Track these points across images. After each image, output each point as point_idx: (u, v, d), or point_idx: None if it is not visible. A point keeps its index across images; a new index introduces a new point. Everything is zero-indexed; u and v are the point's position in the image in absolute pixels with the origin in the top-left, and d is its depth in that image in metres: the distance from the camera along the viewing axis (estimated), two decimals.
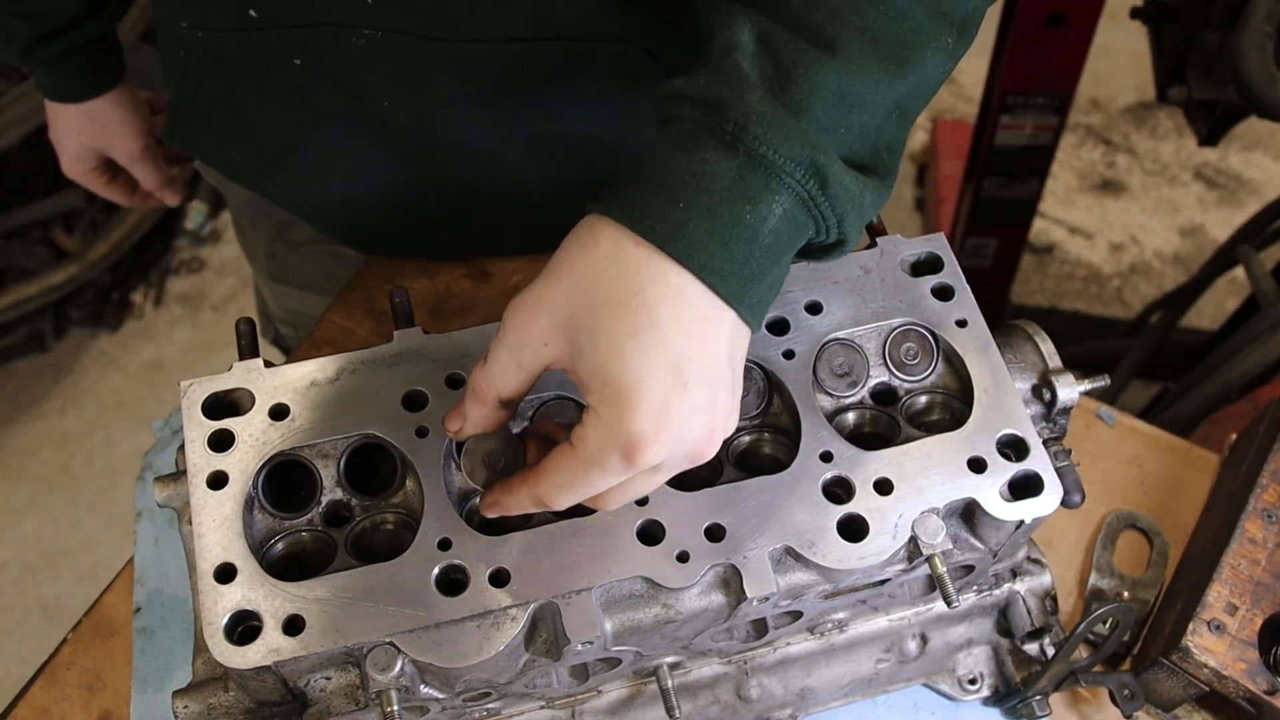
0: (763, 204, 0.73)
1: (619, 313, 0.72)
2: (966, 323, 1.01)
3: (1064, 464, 0.98)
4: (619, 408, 0.72)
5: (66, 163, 1.49)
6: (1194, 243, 3.39)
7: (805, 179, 0.74)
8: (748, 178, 0.73)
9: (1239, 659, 1.07)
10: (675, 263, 0.72)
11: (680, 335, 0.72)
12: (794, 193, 0.74)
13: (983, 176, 2.57)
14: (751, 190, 0.73)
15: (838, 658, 1.11)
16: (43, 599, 2.78)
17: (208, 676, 0.94)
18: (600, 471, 0.75)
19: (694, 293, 0.73)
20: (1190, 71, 1.92)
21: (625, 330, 0.72)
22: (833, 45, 0.75)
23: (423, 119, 1.19)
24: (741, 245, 0.73)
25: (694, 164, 0.73)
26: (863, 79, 0.75)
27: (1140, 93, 3.70)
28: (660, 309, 0.72)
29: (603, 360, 0.72)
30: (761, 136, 0.73)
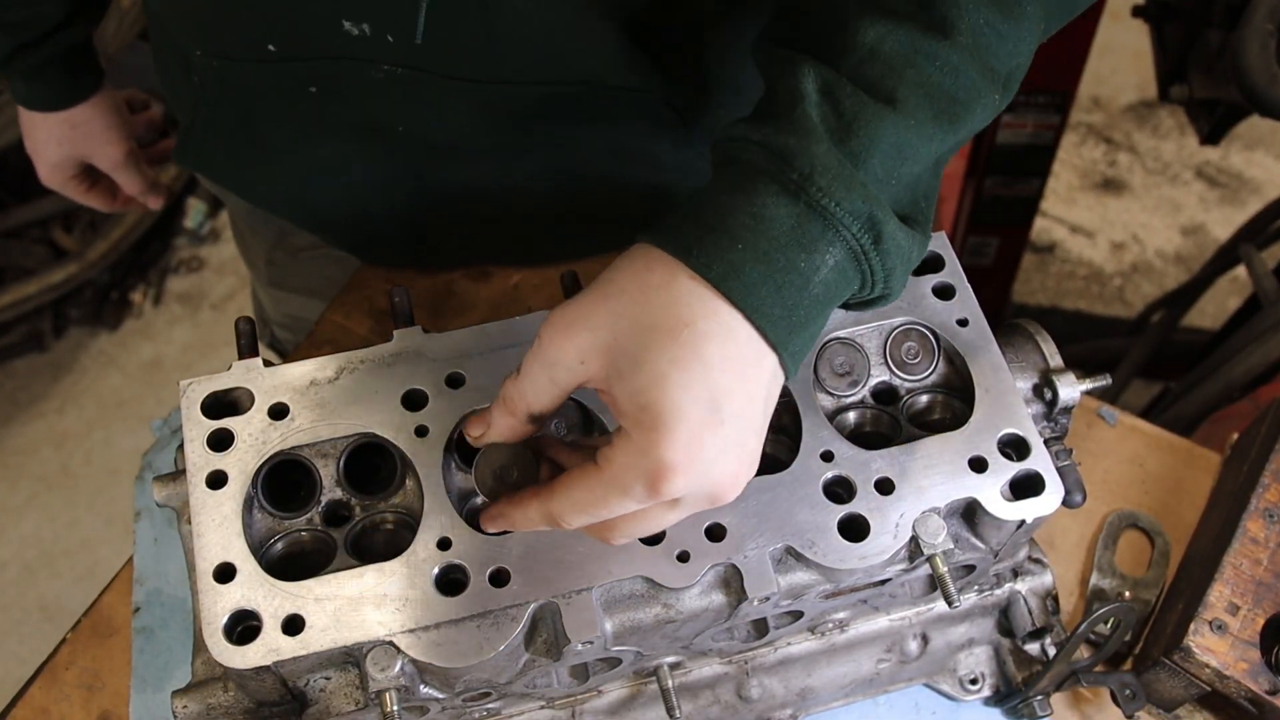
0: (817, 254, 0.74)
1: (667, 340, 0.72)
2: (968, 322, 1.01)
3: (1065, 463, 0.98)
4: (653, 433, 0.71)
5: (45, 171, 1.47)
6: (1195, 242, 3.38)
7: (860, 232, 0.74)
8: (806, 226, 0.73)
9: (1240, 659, 1.07)
10: (728, 302, 0.72)
11: (724, 373, 0.72)
12: (847, 245, 0.74)
13: (984, 175, 2.56)
14: (808, 239, 0.73)
15: (838, 657, 1.11)
16: (42, 598, 2.78)
17: (207, 676, 0.94)
18: (621, 495, 0.73)
19: (743, 333, 0.73)
20: (1192, 70, 1.92)
21: (670, 358, 0.71)
22: (892, 99, 0.76)
23: (436, 145, 1.19)
24: (793, 292, 0.73)
25: (755, 207, 0.74)
26: (918, 133, 0.76)
27: (1142, 91, 3.69)
28: (709, 343, 0.72)
29: (644, 385, 0.72)
30: (826, 189, 0.73)
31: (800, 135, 0.74)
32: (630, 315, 0.73)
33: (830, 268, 0.74)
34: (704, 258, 0.73)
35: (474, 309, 1.41)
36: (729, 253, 0.73)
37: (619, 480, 0.73)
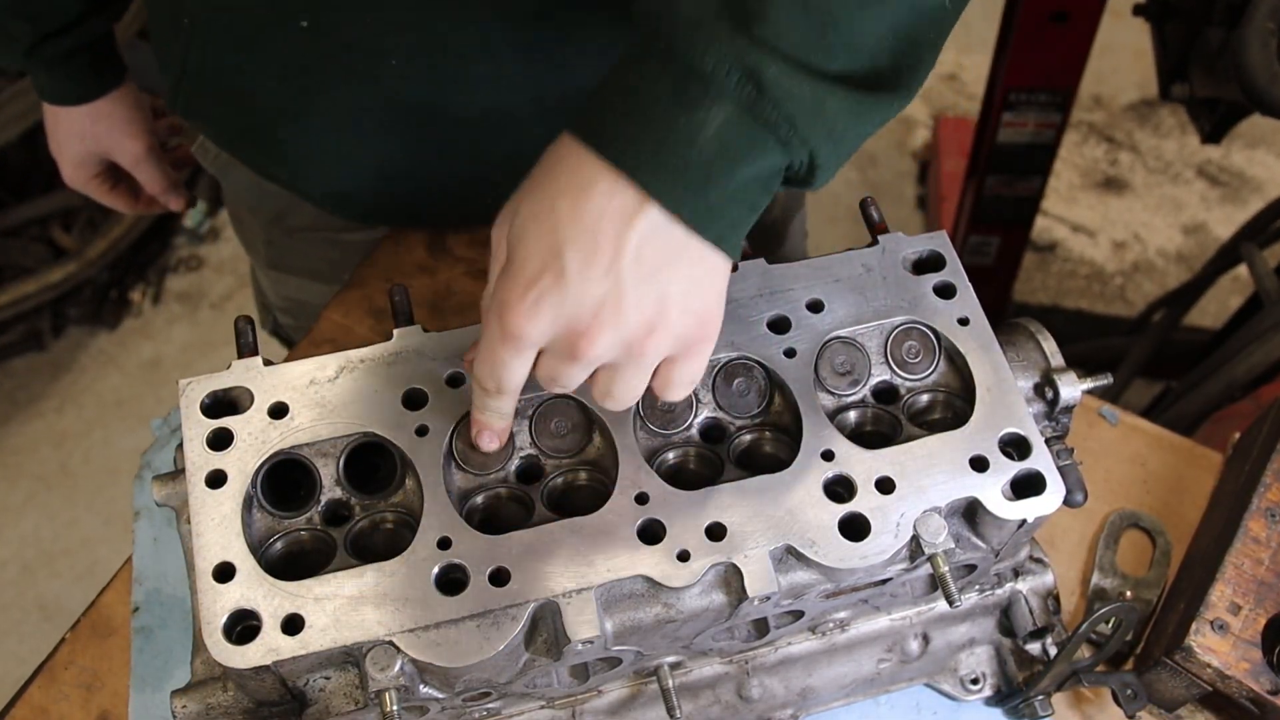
0: (700, 109, 0.74)
1: (536, 195, 0.78)
2: (968, 321, 1.01)
3: (1066, 463, 0.98)
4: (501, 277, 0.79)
5: (69, 171, 1.47)
6: (1197, 240, 3.38)
7: (741, 83, 0.74)
8: (686, 86, 0.75)
9: (1242, 659, 1.07)
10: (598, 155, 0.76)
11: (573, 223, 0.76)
12: (733, 99, 0.74)
13: (985, 174, 2.56)
14: (689, 97, 0.74)
15: (839, 657, 1.10)
16: (41, 598, 2.78)
17: (206, 676, 0.94)
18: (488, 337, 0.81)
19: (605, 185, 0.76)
20: (1193, 69, 1.92)
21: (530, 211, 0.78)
22: None
23: (430, 79, 1.18)
24: (679, 148, 0.75)
25: (633, 75, 0.77)
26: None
27: (1143, 90, 3.69)
28: (563, 198, 0.77)
29: (510, 234, 0.79)
30: (688, 41, 0.74)
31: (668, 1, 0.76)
32: (529, 185, 0.80)
33: (720, 123, 0.75)
34: (584, 124, 0.77)
35: (474, 307, 1.40)
36: (606, 115, 0.77)
37: (486, 325, 0.81)
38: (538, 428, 0.97)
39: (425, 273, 1.44)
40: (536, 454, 0.97)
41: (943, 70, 3.73)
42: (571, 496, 0.97)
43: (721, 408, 1.00)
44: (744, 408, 1.00)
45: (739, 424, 1.00)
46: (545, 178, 0.79)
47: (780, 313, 1.00)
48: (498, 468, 0.96)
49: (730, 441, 0.99)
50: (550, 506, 0.95)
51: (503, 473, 0.96)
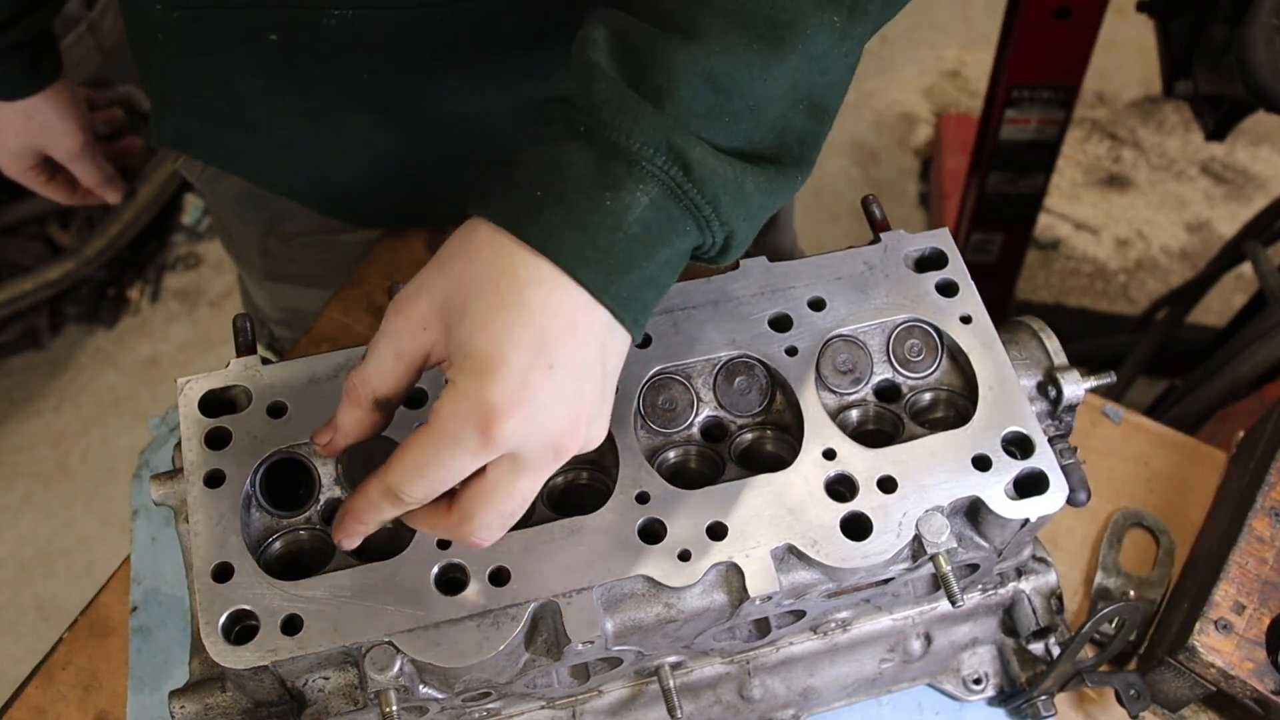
0: (625, 192, 0.73)
1: (490, 290, 0.73)
2: (971, 319, 1.01)
3: (1069, 462, 0.98)
4: (478, 376, 0.72)
5: (4, 161, 1.47)
6: (1201, 238, 3.38)
7: (667, 164, 0.73)
8: (609, 167, 0.73)
9: (1246, 658, 1.06)
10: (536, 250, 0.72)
11: (549, 318, 0.72)
12: (659, 180, 0.73)
13: (987, 171, 2.56)
14: (613, 179, 0.73)
15: (841, 657, 1.10)
16: (38, 598, 2.77)
17: (205, 676, 0.94)
18: (452, 445, 0.73)
19: (563, 281, 0.73)
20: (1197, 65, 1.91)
21: (493, 305, 0.72)
22: (691, 29, 0.74)
23: (404, 90, 1.17)
24: (605, 233, 0.72)
25: (554, 156, 0.74)
26: (731, 61, 0.74)
27: (1146, 87, 3.68)
28: (530, 289, 0.72)
29: (469, 332, 0.73)
30: (610, 122, 0.73)
31: (583, 78, 0.74)
32: (459, 274, 0.75)
33: (645, 205, 0.73)
34: (506, 210, 0.74)
35: None
36: (529, 202, 0.73)
37: (448, 430, 0.72)
38: None
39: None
40: None
41: (945, 67, 3.73)
42: (572, 496, 0.97)
43: (723, 406, 0.99)
44: (745, 406, 0.99)
45: (740, 423, 0.99)
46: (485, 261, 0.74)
47: (782, 310, 1.00)
48: None
49: (731, 440, 0.99)
50: (551, 506, 0.95)
51: None
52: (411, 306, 0.76)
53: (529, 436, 0.73)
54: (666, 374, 0.98)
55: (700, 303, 1.00)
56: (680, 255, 0.77)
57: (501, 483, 0.75)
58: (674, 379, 0.99)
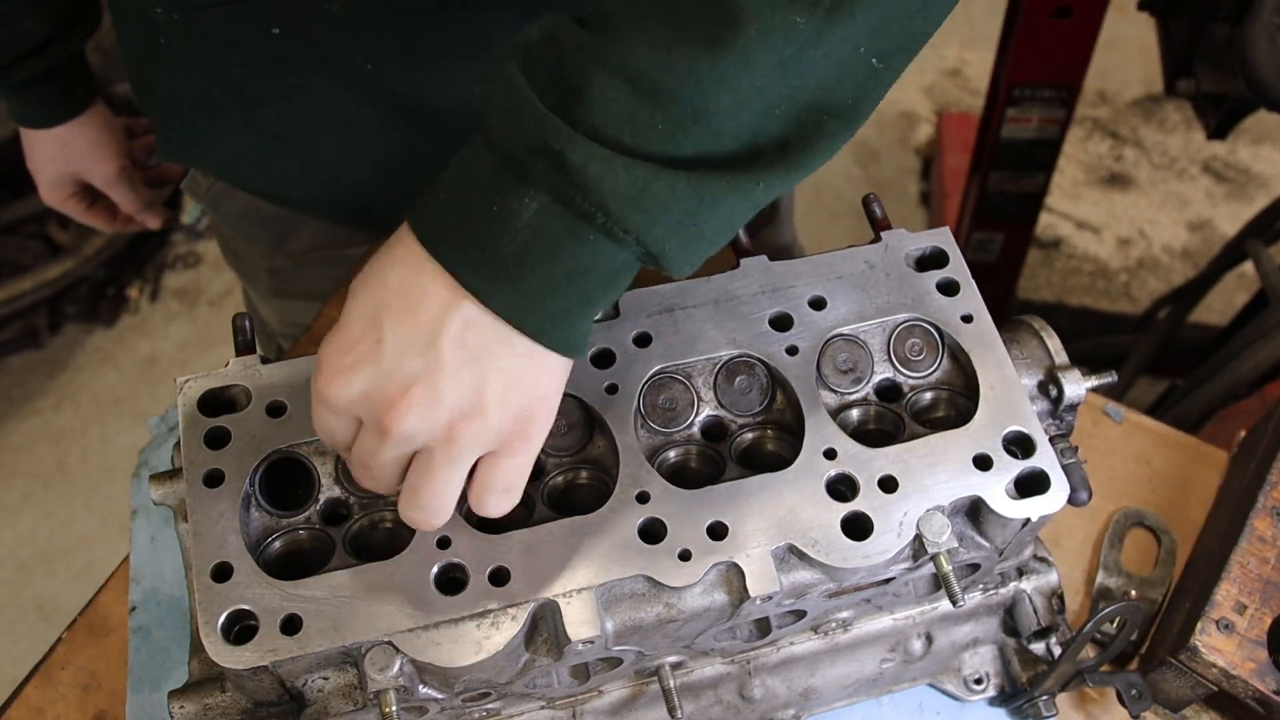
0: (514, 197, 0.71)
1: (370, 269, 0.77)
2: (972, 318, 1.00)
3: (1071, 461, 0.97)
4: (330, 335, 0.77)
5: (44, 190, 1.47)
6: (1202, 237, 3.37)
7: (549, 170, 0.69)
8: (504, 171, 0.71)
9: (1248, 658, 1.06)
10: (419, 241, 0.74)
11: (397, 295, 0.74)
12: (545, 187, 0.70)
13: (989, 170, 2.56)
14: (505, 183, 0.71)
15: (842, 657, 1.10)
16: (37, 597, 2.77)
17: (204, 676, 0.93)
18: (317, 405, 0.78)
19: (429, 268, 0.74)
20: (1198, 64, 1.91)
21: (362, 279, 0.77)
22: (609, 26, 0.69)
23: (409, 81, 1.17)
24: (494, 238, 0.71)
25: (461, 160, 0.75)
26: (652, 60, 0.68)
27: (1148, 86, 3.68)
28: (391, 269, 0.75)
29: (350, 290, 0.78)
30: (503, 127, 0.71)
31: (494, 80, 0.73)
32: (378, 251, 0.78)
33: (534, 211, 0.70)
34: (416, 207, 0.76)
35: None
36: (434, 204, 0.75)
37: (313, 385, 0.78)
38: None
39: None
40: None
41: (946, 65, 3.72)
42: (572, 495, 0.96)
43: (723, 406, 0.99)
44: (746, 406, 0.99)
45: (741, 422, 0.99)
46: (388, 248, 0.77)
47: (782, 310, 1.00)
48: None
49: (732, 440, 0.98)
50: (550, 505, 0.94)
51: None
52: None
53: (355, 398, 0.76)
54: (667, 373, 0.98)
55: (701, 301, 1.00)
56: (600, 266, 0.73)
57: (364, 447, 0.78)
58: (674, 378, 0.98)
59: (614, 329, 0.99)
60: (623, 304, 1.00)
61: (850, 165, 3.52)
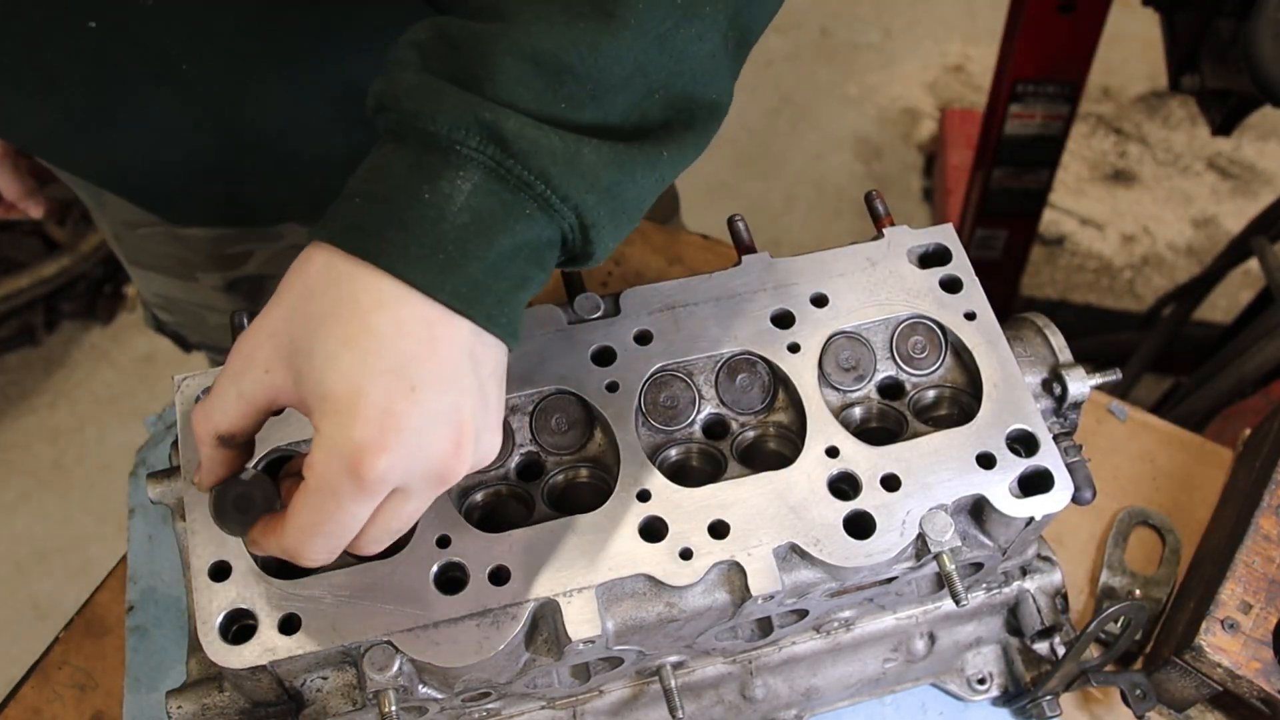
0: (444, 181, 0.68)
1: (333, 323, 0.68)
2: (975, 316, 1.00)
3: (1075, 460, 0.97)
4: (339, 417, 0.67)
5: None
6: (1207, 234, 3.36)
7: (481, 144, 0.68)
8: (425, 159, 0.69)
9: (1253, 658, 1.06)
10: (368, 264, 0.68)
11: (402, 339, 0.68)
12: (478, 163, 0.69)
13: (992, 166, 2.55)
14: (430, 171, 0.69)
15: (844, 657, 1.09)
16: (34, 597, 2.76)
17: (202, 676, 0.93)
18: (333, 497, 0.69)
19: (411, 298, 0.68)
20: (1203, 60, 1.90)
21: (339, 339, 0.68)
22: (505, 13, 0.70)
23: (224, 81, 1.13)
24: (427, 227, 0.68)
25: (375, 160, 0.71)
26: (554, 39, 0.69)
27: (1152, 81, 3.67)
28: (376, 313, 0.68)
29: (320, 374, 0.68)
30: (416, 111, 0.69)
31: (390, 75, 0.71)
32: (300, 310, 0.70)
33: (468, 192, 0.69)
34: (333, 224, 0.70)
35: None
36: (352, 211, 0.70)
37: (325, 483, 0.69)
38: (538, 424, 0.96)
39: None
40: (537, 451, 0.96)
41: (949, 62, 3.72)
42: (572, 494, 0.96)
43: (724, 404, 0.99)
44: (747, 404, 0.99)
45: (742, 420, 0.99)
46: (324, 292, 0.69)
47: (784, 307, 1.00)
48: (496, 465, 0.95)
49: (733, 438, 0.98)
50: (551, 504, 0.94)
51: (503, 470, 0.95)
52: (254, 348, 0.72)
53: (409, 468, 0.69)
54: (668, 371, 0.98)
55: (702, 299, 1.00)
56: (534, 246, 0.72)
57: (390, 516, 0.72)
58: (676, 376, 0.98)
59: (615, 326, 0.98)
60: (624, 302, 1.00)
61: (852, 161, 3.51)
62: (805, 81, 3.65)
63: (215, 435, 0.75)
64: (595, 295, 1.00)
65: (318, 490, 0.69)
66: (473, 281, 0.69)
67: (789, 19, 3.77)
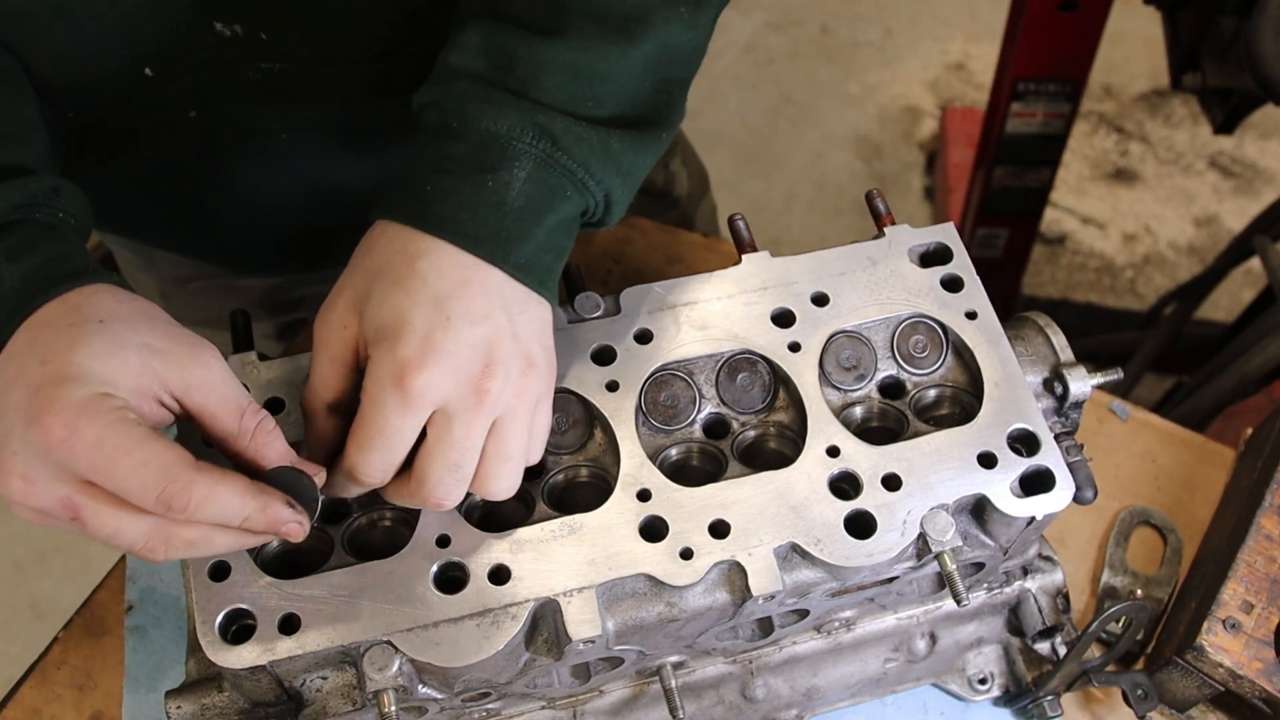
0: (504, 171, 0.83)
1: (388, 273, 0.82)
2: (976, 315, 1.00)
3: (1076, 459, 0.97)
4: (387, 342, 0.80)
5: None
6: (1209, 233, 3.36)
7: (535, 140, 0.84)
8: (484, 153, 0.83)
9: (1255, 658, 1.05)
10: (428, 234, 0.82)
11: (439, 278, 0.81)
12: (531, 156, 0.84)
13: (993, 165, 2.55)
14: (489, 162, 0.83)
15: (845, 657, 1.09)
16: (32, 597, 2.76)
17: (201, 676, 0.93)
18: (381, 411, 0.80)
19: (450, 251, 0.82)
20: (1205, 58, 1.90)
21: (391, 282, 0.82)
22: (553, 29, 0.85)
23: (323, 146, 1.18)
24: (491, 210, 0.83)
25: (435, 152, 0.85)
26: (589, 53, 0.86)
27: (1154, 80, 3.67)
28: (421, 260, 0.82)
29: (375, 311, 0.82)
30: (478, 114, 0.84)
31: (445, 83, 0.86)
32: (365, 270, 0.84)
33: (523, 180, 0.84)
34: (405, 209, 0.84)
35: None
36: (420, 196, 0.84)
37: (376, 400, 0.80)
38: None
39: None
40: None
41: (950, 60, 3.71)
42: (572, 493, 0.96)
43: (725, 403, 0.98)
44: (748, 403, 0.99)
45: (743, 419, 0.98)
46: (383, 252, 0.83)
47: (784, 306, 0.99)
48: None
49: (734, 437, 0.98)
50: (551, 504, 0.94)
51: None
52: (329, 312, 0.85)
53: (448, 385, 0.80)
54: (669, 370, 0.98)
55: (702, 298, 1.00)
56: (569, 220, 0.87)
57: (439, 438, 0.81)
58: (676, 375, 0.98)
59: (615, 326, 0.98)
60: (624, 301, 0.99)
61: (853, 160, 3.51)
62: (806, 80, 3.65)
63: (325, 406, 0.86)
64: (595, 294, 1.00)
65: (368, 406, 0.80)
66: (530, 254, 0.84)
67: (790, 17, 3.77)
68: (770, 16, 3.77)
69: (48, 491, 0.75)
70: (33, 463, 0.74)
